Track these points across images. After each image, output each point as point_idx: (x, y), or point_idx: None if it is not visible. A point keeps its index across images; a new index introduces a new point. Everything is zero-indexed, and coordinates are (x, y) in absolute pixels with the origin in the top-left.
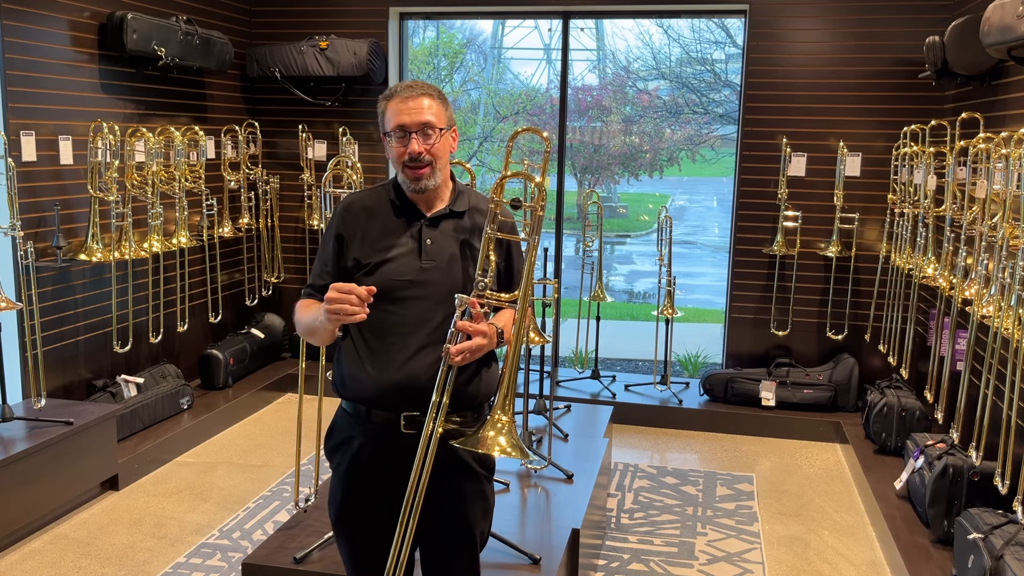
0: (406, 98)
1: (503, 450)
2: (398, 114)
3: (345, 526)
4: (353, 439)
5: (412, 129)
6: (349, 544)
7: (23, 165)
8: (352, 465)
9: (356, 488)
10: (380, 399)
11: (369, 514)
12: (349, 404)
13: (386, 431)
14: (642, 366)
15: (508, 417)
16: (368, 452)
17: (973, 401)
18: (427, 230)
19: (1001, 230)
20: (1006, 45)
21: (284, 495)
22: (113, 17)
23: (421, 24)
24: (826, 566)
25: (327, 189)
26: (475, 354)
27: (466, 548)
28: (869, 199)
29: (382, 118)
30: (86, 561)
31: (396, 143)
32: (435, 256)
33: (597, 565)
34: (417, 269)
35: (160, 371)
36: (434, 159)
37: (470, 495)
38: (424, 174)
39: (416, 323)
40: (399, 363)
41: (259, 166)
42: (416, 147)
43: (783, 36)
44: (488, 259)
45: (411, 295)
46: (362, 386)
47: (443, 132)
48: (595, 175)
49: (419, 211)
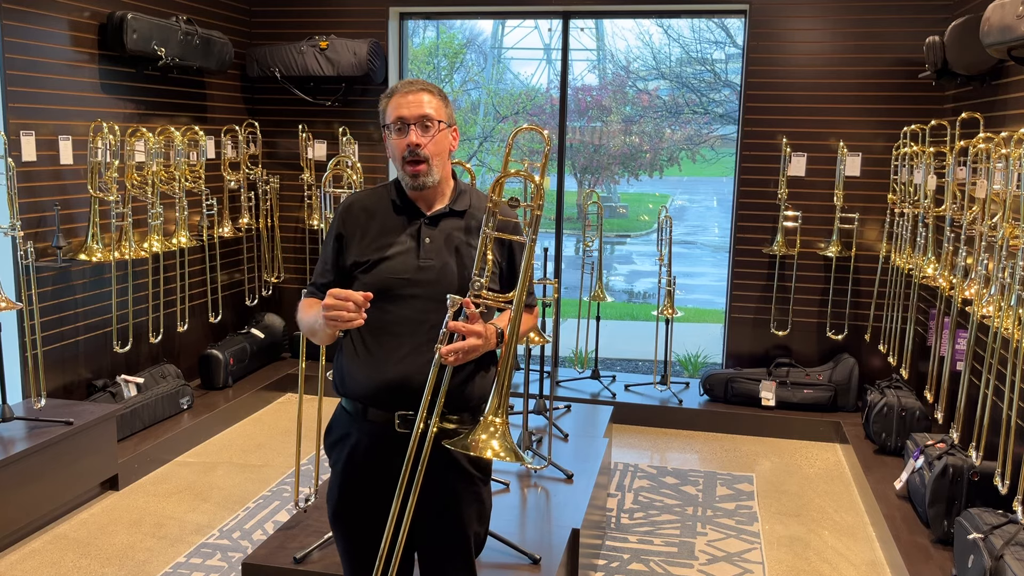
0: (406, 93)
1: (495, 453)
2: (398, 107)
3: (342, 522)
4: (350, 436)
5: (411, 121)
6: (345, 541)
7: (23, 165)
8: (349, 462)
9: (352, 485)
10: (376, 397)
11: (365, 511)
12: (347, 401)
13: (382, 429)
14: (642, 366)
15: (502, 420)
16: (364, 449)
17: (973, 401)
18: (426, 229)
19: (1001, 230)
20: (1006, 45)
21: (284, 495)
22: (113, 17)
23: (421, 24)
24: (826, 566)
25: (327, 189)
26: (469, 355)
27: (461, 550)
28: (869, 199)
29: (383, 115)
30: (86, 561)
31: (395, 136)
32: (433, 255)
33: (597, 565)
34: (415, 268)
35: (160, 371)
36: (432, 155)
37: (464, 497)
38: (422, 170)
39: (413, 322)
40: (394, 362)
41: (259, 166)
42: (414, 138)
43: (783, 36)
44: (485, 258)
45: (408, 293)
46: (359, 384)
47: (442, 126)
48: (595, 175)
49: (419, 210)
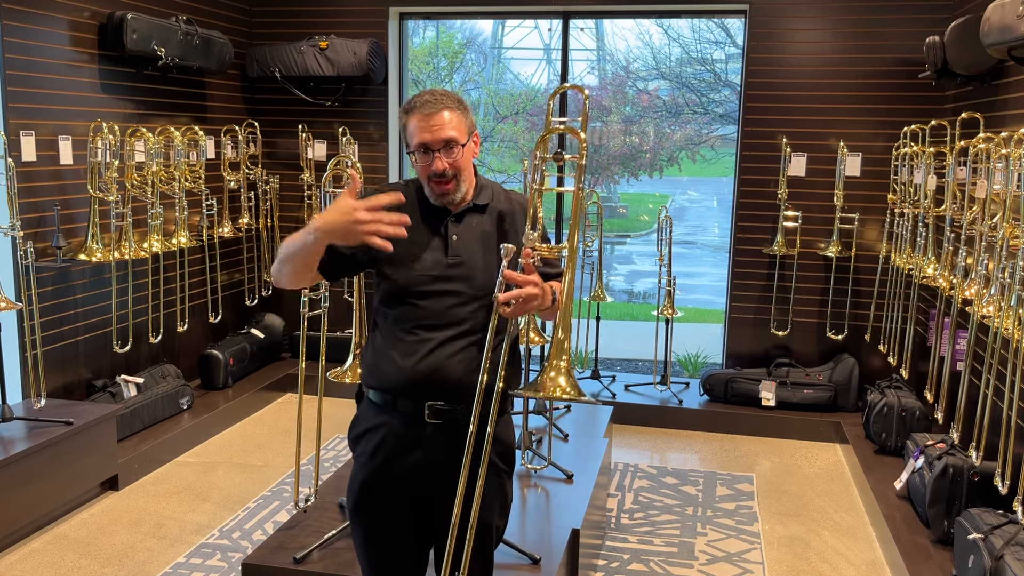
0: (427, 114)
1: (563, 390)
2: (419, 131)
3: (364, 513)
4: (378, 428)
5: (435, 147)
6: (365, 533)
7: (23, 165)
8: (375, 454)
9: (377, 476)
10: (406, 388)
11: (388, 503)
12: (375, 394)
13: (411, 420)
14: (642, 366)
15: (566, 361)
16: (392, 441)
17: (973, 401)
18: (453, 226)
19: (1001, 230)
20: (1006, 45)
21: (284, 495)
22: (113, 17)
23: (421, 24)
24: (826, 566)
25: (327, 189)
26: (526, 304)
27: (482, 543)
28: (869, 199)
29: (404, 132)
30: (86, 561)
31: (420, 159)
32: (461, 251)
33: (597, 565)
34: (444, 265)
35: (160, 371)
36: (459, 171)
37: (490, 489)
38: (450, 189)
39: (443, 316)
40: (424, 354)
41: (259, 166)
42: (440, 165)
43: (783, 36)
44: (537, 213)
45: (437, 289)
46: (388, 375)
47: (465, 146)
48: (595, 175)
49: (444, 208)
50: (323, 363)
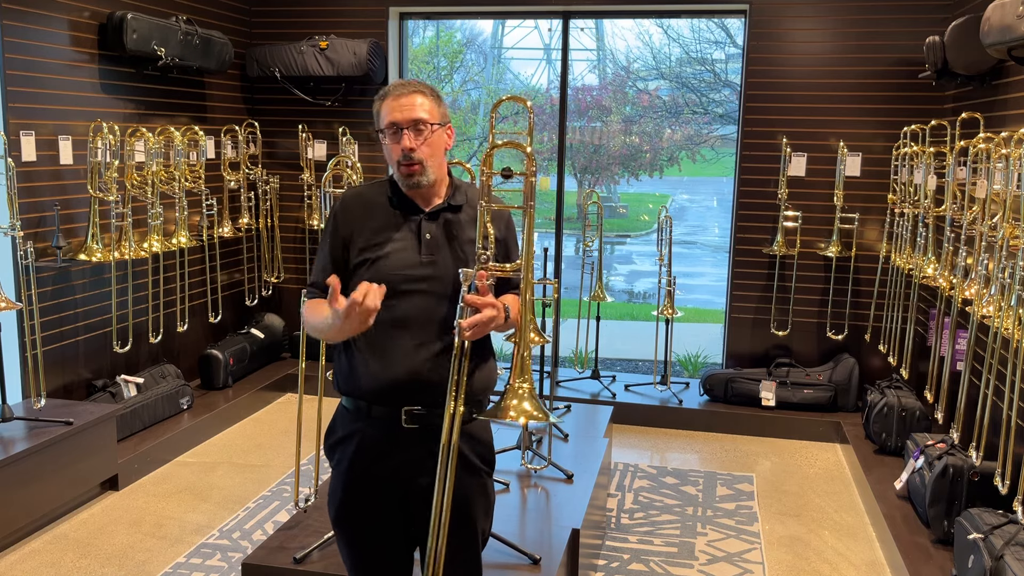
0: (398, 96)
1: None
2: (391, 112)
3: (345, 524)
4: (353, 435)
5: (404, 125)
6: (349, 542)
7: (23, 165)
8: (352, 462)
9: (356, 485)
10: (381, 394)
11: (369, 511)
12: (349, 400)
13: (387, 426)
14: (642, 366)
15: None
16: (368, 448)
17: (973, 401)
18: (426, 224)
19: (1001, 230)
20: (1006, 45)
21: (284, 495)
22: (113, 17)
23: (421, 24)
24: (826, 566)
25: (327, 189)
26: (486, 327)
27: (468, 546)
28: (869, 199)
29: (377, 117)
30: (86, 561)
31: (389, 140)
32: (434, 250)
33: (597, 565)
34: (416, 264)
35: (160, 371)
36: (427, 156)
37: (471, 490)
38: (416, 171)
39: (416, 318)
40: (400, 358)
41: (259, 166)
42: (408, 143)
43: (783, 36)
44: (487, 230)
45: (411, 289)
46: (363, 382)
47: (435, 128)
48: (595, 175)
49: (417, 206)
50: (323, 363)
